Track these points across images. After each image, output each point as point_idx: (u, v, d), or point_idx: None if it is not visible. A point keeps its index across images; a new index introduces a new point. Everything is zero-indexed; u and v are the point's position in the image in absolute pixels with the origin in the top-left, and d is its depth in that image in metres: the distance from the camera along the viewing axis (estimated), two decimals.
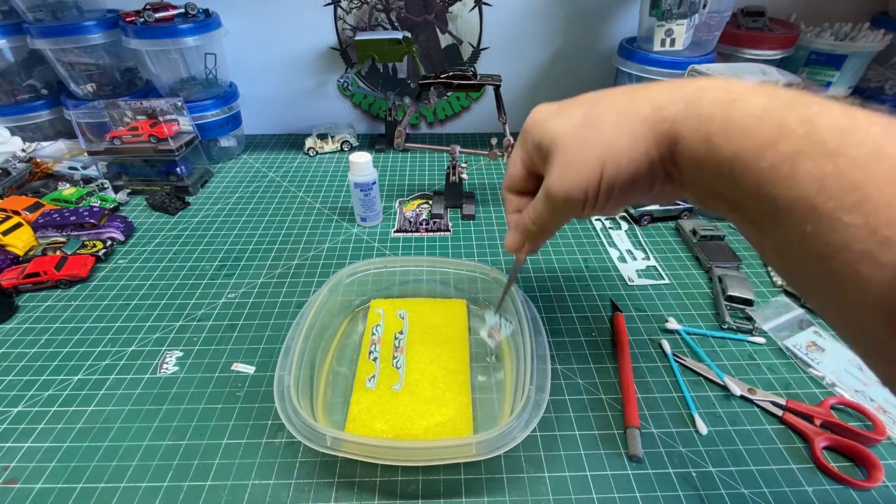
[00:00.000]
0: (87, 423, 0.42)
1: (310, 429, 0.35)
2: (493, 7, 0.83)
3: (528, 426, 0.35)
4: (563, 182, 0.29)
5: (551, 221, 0.33)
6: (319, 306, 0.46)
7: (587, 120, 0.29)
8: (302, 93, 0.93)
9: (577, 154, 0.29)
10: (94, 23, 0.74)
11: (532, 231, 0.35)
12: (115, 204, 0.71)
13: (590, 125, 0.29)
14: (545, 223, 0.33)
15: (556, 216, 0.32)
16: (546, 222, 0.33)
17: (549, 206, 0.32)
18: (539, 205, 0.33)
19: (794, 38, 0.77)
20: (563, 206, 0.30)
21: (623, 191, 0.29)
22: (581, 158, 0.28)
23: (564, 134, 0.29)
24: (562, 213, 0.32)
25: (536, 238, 0.36)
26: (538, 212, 0.33)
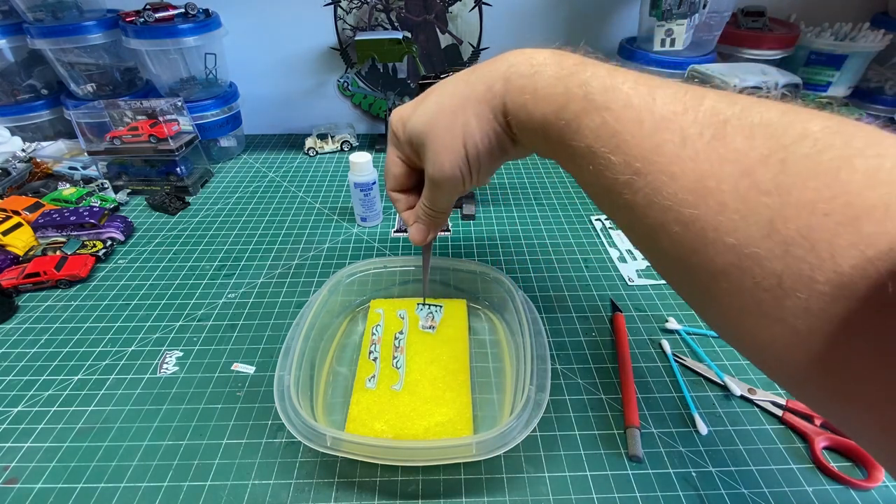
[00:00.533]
0: (87, 423, 0.42)
1: (310, 429, 0.35)
2: (493, 7, 0.83)
3: (528, 426, 0.35)
4: (441, 167, 0.33)
5: (443, 201, 0.38)
6: (319, 306, 0.46)
7: (440, 108, 0.33)
8: (302, 93, 0.93)
9: (443, 140, 0.33)
10: (94, 23, 0.74)
11: (432, 216, 0.39)
12: (115, 204, 0.71)
13: (443, 112, 0.33)
14: (438, 205, 0.38)
15: (445, 196, 0.37)
16: (439, 203, 0.38)
17: (436, 190, 0.36)
18: (429, 192, 0.37)
19: (794, 38, 0.77)
20: (448, 186, 0.35)
21: (488, 160, 0.33)
22: (447, 144, 0.33)
23: (427, 127, 0.33)
24: (449, 191, 0.36)
25: (437, 222, 0.40)
26: (430, 198, 0.38)
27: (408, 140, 0.36)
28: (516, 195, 0.75)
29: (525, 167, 0.83)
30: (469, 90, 0.32)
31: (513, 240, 0.65)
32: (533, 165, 0.84)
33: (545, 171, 0.82)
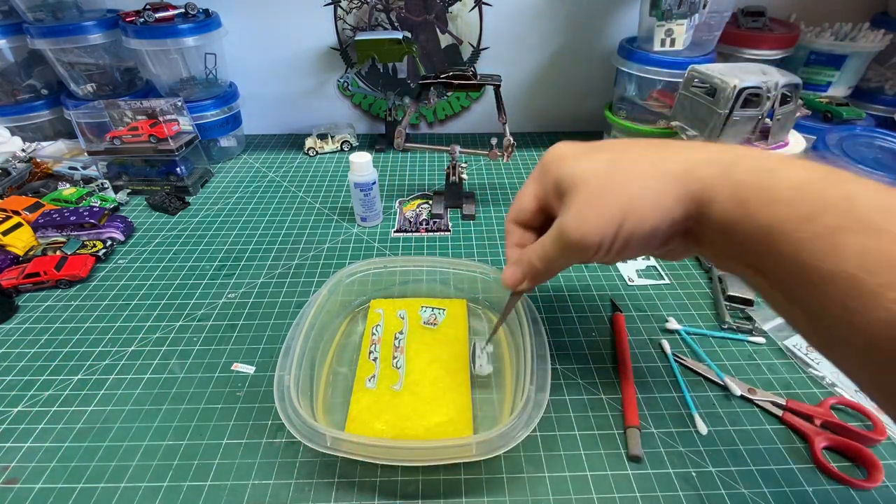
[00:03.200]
0: (87, 423, 0.42)
1: (310, 429, 0.35)
2: (493, 7, 0.83)
3: (528, 426, 0.35)
4: (581, 224, 0.29)
5: (558, 262, 0.32)
6: (319, 306, 0.46)
7: (613, 166, 0.29)
8: (302, 93, 0.93)
9: (600, 199, 0.28)
10: (94, 23, 0.74)
11: (536, 268, 0.34)
12: (115, 204, 0.71)
13: (616, 171, 0.28)
14: (551, 262, 0.33)
15: (564, 257, 0.32)
16: (552, 262, 0.33)
17: (559, 246, 0.31)
18: (549, 242, 0.32)
19: (794, 38, 0.77)
20: (576, 248, 0.29)
21: (639, 243, 0.28)
22: (603, 204, 0.28)
23: (588, 176, 0.29)
24: (572, 255, 0.31)
25: (538, 276, 0.35)
26: (546, 250, 0.32)
27: (557, 180, 0.31)
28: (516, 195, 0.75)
29: (525, 167, 0.83)
30: (661, 161, 0.28)
31: None
32: (533, 165, 0.84)
33: None
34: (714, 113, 0.61)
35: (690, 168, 0.27)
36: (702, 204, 0.26)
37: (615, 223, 0.28)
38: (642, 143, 0.30)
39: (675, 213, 0.27)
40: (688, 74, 0.65)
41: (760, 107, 0.60)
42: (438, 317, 0.50)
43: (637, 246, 0.29)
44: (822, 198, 0.22)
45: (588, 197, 0.29)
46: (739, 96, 0.59)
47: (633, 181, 0.28)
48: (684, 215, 0.27)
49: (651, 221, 0.27)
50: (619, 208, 0.27)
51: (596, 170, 0.29)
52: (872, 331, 0.20)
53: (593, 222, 0.28)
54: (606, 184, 0.28)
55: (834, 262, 0.21)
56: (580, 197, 0.29)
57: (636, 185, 0.27)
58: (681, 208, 0.27)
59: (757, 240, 0.24)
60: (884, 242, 0.20)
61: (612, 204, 0.28)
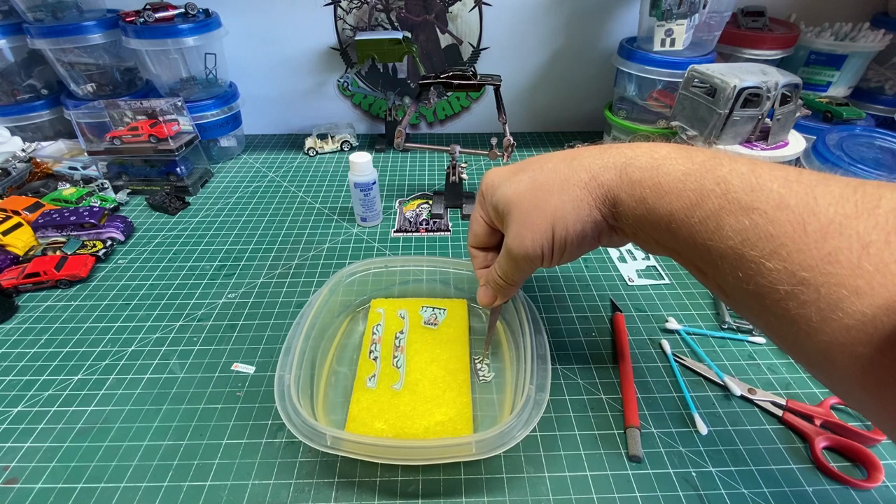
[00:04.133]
0: (87, 423, 0.42)
1: (310, 428, 0.35)
2: (493, 7, 0.83)
3: (527, 426, 0.35)
4: (521, 242, 0.33)
5: (516, 275, 0.37)
6: (320, 306, 0.46)
7: (534, 185, 0.32)
8: (302, 93, 0.93)
9: (530, 217, 0.32)
10: (94, 23, 0.74)
11: (501, 285, 0.38)
12: (115, 204, 0.71)
13: (537, 189, 0.32)
14: (511, 277, 0.37)
15: (519, 271, 0.36)
16: (512, 276, 0.37)
17: (511, 263, 0.36)
18: (503, 262, 0.37)
19: (794, 38, 0.77)
20: (524, 262, 0.34)
21: (574, 245, 0.32)
22: (534, 222, 0.32)
23: (516, 199, 0.33)
24: (524, 267, 0.35)
25: (507, 290, 0.39)
26: (503, 268, 0.37)
27: (493, 206, 0.36)
28: None
29: None
30: (570, 173, 0.31)
31: None
32: None
33: None
34: (714, 113, 0.61)
35: (594, 175, 0.30)
36: (611, 205, 0.30)
37: (548, 235, 0.32)
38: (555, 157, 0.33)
39: (594, 215, 0.31)
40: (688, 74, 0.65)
41: (760, 107, 0.61)
42: (439, 317, 0.50)
43: (573, 247, 0.32)
44: (701, 186, 0.25)
45: (520, 217, 0.33)
46: (739, 96, 0.59)
47: (551, 197, 0.31)
48: (602, 216, 0.31)
49: (577, 227, 0.31)
50: (547, 222, 0.31)
51: (520, 191, 0.33)
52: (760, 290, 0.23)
53: (529, 238, 0.32)
54: (531, 203, 0.32)
55: (720, 240, 0.24)
56: (514, 218, 0.33)
57: (554, 200, 0.31)
58: (597, 211, 0.31)
59: (662, 228, 0.28)
60: (755, 219, 0.23)
61: (541, 220, 0.32)
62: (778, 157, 0.63)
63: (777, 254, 0.22)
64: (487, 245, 0.40)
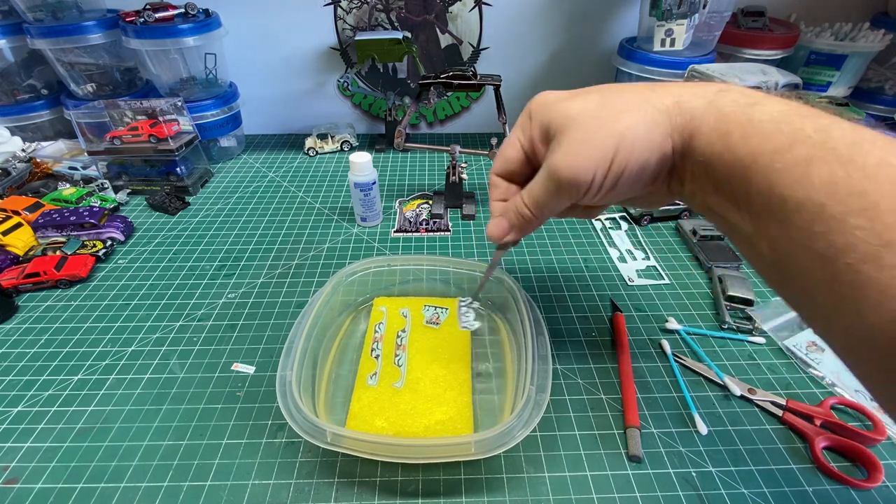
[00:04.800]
0: (87, 423, 0.42)
1: (311, 424, 0.35)
2: (493, 7, 0.83)
3: (527, 426, 0.35)
4: (575, 159, 0.29)
5: (548, 204, 0.32)
6: (322, 305, 0.46)
7: (605, 104, 0.29)
8: (302, 93, 0.93)
9: (593, 133, 0.28)
10: (94, 23, 0.74)
11: (525, 216, 0.33)
12: (115, 204, 0.71)
13: (608, 107, 0.28)
14: (541, 206, 0.32)
15: (555, 198, 0.31)
16: (542, 205, 0.32)
17: (550, 186, 0.31)
18: (538, 185, 0.32)
19: (794, 38, 0.77)
20: (567, 186, 0.30)
21: (629, 179, 0.29)
22: (597, 138, 0.28)
23: (578, 115, 0.29)
24: (562, 194, 0.31)
25: (527, 225, 0.34)
26: (535, 193, 0.32)
27: (545, 124, 0.31)
28: None
29: None
30: (652, 96, 0.28)
31: None
32: None
33: None
34: None
35: (678, 101, 0.28)
36: (689, 136, 0.27)
37: (608, 157, 0.28)
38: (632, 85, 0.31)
39: (665, 146, 0.28)
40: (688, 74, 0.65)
41: None
42: (441, 316, 0.50)
43: (627, 181, 0.29)
44: (797, 129, 0.23)
45: (580, 134, 0.29)
46: None
47: (624, 116, 0.28)
48: (672, 149, 0.28)
49: (643, 154, 0.28)
50: (612, 141, 0.28)
51: (586, 108, 0.29)
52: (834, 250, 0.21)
53: (585, 156, 0.28)
54: (597, 120, 0.28)
55: (804, 189, 0.22)
56: (571, 135, 0.29)
57: (628, 119, 0.28)
58: (669, 141, 0.28)
59: (736, 171, 0.25)
60: (850, 171, 0.21)
61: (605, 137, 0.28)
62: None
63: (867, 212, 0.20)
64: (516, 174, 0.35)
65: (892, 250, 0.19)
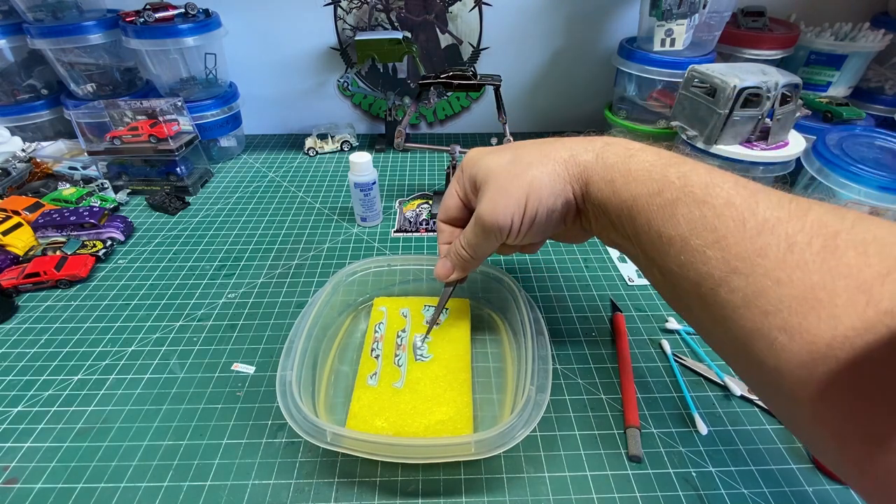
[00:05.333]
0: (87, 423, 0.42)
1: (311, 424, 0.35)
2: (493, 7, 0.83)
3: (527, 426, 0.35)
4: (494, 208, 0.34)
5: (479, 247, 0.38)
6: (322, 305, 0.46)
7: (515, 158, 0.34)
8: (302, 93, 0.93)
9: (507, 185, 0.34)
10: (94, 23, 0.74)
11: (463, 257, 0.39)
12: (115, 204, 0.71)
13: (517, 162, 0.34)
14: (474, 248, 0.38)
15: (485, 241, 0.37)
16: (475, 248, 0.38)
17: (479, 231, 0.36)
18: (470, 231, 0.38)
19: (794, 38, 0.77)
20: (492, 230, 0.35)
21: (542, 221, 0.34)
22: (510, 189, 0.33)
23: (496, 169, 0.35)
24: (490, 238, 0.36)
25: (466, 264, 0.40)
26: (468, 237, 0.38)
27: (472, 177, 0.37)
28: None
29: None
30: (552, 150, 0.34)
31: None
32: None
33: None
34: (714, 113, 0.61)
35: (573, 154, 0.33)
36: (584, 184, 0.33)
37: (521, 204, 0.33)
38: (536, 141, 0.36)
39: (567, 192, 0.33)
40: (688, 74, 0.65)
41: (760, 107, 0.61)
42: (441, 316, 0.50)
43: (541, 223, 0.34)
44: (664, 176, 0.28)
45: (497, 186, 0.34)
46: (739, 96, 0.59)
47: (530, 169, 0.33)
48: (573, 194, 0.33)
49: (549, 200, 0.33)
50: (523, 192, 0.33)
51: (501, 163, 0.35)
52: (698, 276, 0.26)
53: (502, 206, 0.34)
54: (510, 174, 0.34)
55: (673, 227, 0.27)
56: (491, 187, 0.34)
57: (533, 171, 0.33)
58: (570, 188, 0.33)
59: (623, 213, 0.30)
60: (704, 211, 0.26)
61: (517, 189, 0.33)
62: (778, 157, 0.63)
63: (718, 244, 0.24)
64: (456, 220, 0.41)
65: (737, 275, 0.23)
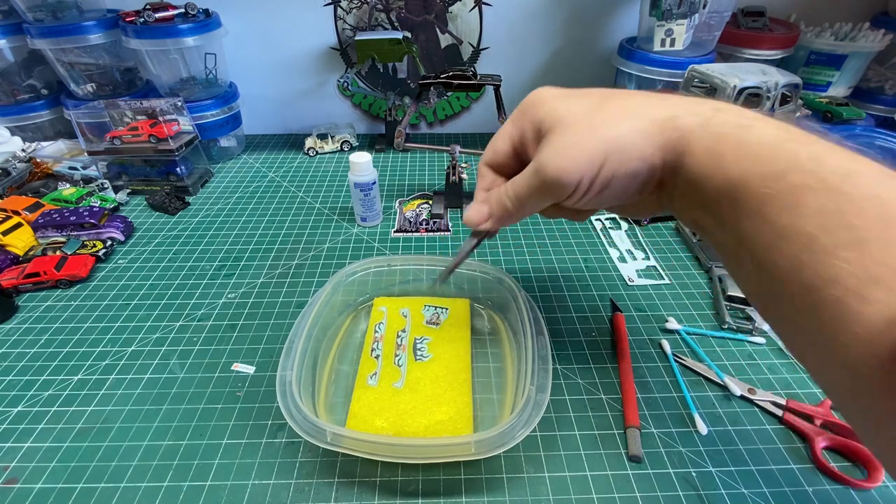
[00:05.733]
0: (87, 423, 0.42)
1: (311, 424, 0.35)
2: (493, 7, 0.83)
3: (527, 426, 0.35)
4: (562, 160, 0.28)
5: (529, 201, 0.31)
6: (322, 304, 0.46)
7: (599, 108, 0.28)
8: (302, 93, 0.93)
9: (582, 137, 0.27)
10: (94, 23, 0.74)
11: (505, 207, 0.33)
12: (115, 204, 0.71)
13: (602, 112, 0.28)
14: (522, 201, 0.31)
15: (537, 196, 0.30)
16: (523, 200, 0.31)
17: (534, 183, 0.30)
18: (523, 181, 0.31)
19: (794, 38, 0.77)
20: (552, 185, 0.29)
21: (616, 188, 0.28)
22: (585, 142, 0.27)
23: (572, 116, 0.28)
24: (546, 193, 0.30)
25: (505, 216, 0.33)
26: (519, 188, 0.31)
27: (537, 121, 0.30)
28: None
29: None
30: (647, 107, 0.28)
31: (513, 240, 0.65)
32: None
33: None
34: None
35: (673, 115, 0.27)
36: (680, 153, 0.26)
37: (597, 162, 0.27)
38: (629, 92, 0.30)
39: (654, 159, 0.27)
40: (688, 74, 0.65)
41: (760, 107, 0.61)
42: (441, 315, 0.50)
43: (616, 189, 0.28)
44: (790, 156, 0.23)
45: (571, 135, 0.28)
46: (739, 96, 0.59)
47: (618, 123, 0.27)
48: (662, 163, 0.27)
49: (633, 164, 0.27)
50: (603, 147, 0.27)
51: (580, 111, 0.28)
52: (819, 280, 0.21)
53: (574, 159, 0.27)
54: (591, 123, 0.28)
55: (793, 218, 0.22)
56: (562, 135, 0.28)
57: (622, 126, 0.27)
58: (660, 155, 0.27)
59: (724, 193, 0.25)
60: (841, 204, 0.21)
61: (597, 142, 0.27)
62: None
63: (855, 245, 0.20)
64: (502, 167, 0.35)
65: (879, 286, 0.19)
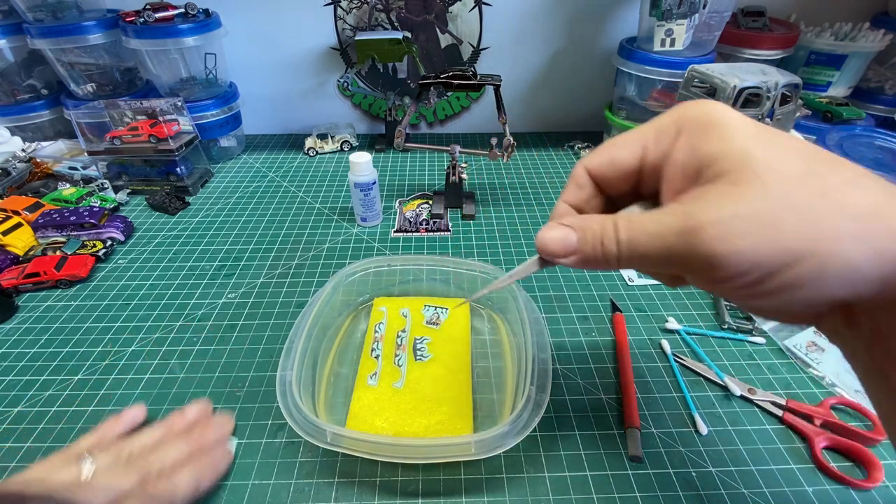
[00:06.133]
0: (87, 423, 0.42)
1: (311, 424, 0.35)
2: (493, 7, 0.83)
3: (527, 426, 0.35)
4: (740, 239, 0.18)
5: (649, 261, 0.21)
6: (322, 305, 0.46)
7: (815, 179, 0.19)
8: (302, 93, 0.93)
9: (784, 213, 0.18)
10: (94, 23, 0.74)
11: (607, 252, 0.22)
12: (115, 204, 0.71)
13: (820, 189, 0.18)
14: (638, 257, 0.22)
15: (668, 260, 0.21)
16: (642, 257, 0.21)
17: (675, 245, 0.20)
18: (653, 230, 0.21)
19: (794, 38, 0.77)
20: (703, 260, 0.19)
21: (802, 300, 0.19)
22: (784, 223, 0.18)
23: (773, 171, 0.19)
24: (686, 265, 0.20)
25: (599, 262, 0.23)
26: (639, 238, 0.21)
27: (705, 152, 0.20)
28: (516, 195, 0.75)
29: (525, 167, 0.83)
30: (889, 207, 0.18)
31: (513, 240, 0.65)
32: (533, 165, 0.84)
33: (545, 170, 0.82)
34: None
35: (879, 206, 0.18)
36: None
37: (789, 256, 0.18)
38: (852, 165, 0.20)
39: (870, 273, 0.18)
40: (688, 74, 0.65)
41: (760, 107, 0.60)
42: (441, 316, 0.50)
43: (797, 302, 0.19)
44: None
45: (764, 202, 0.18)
46: (739, 96, 0.59)
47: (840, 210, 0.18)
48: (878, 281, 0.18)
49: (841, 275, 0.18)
50: (806, 240, 0.18)
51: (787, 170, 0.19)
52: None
53: (754, 241, 0.18)
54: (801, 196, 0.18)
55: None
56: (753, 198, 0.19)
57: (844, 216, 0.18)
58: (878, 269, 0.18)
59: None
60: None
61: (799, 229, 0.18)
62: None
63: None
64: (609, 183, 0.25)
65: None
